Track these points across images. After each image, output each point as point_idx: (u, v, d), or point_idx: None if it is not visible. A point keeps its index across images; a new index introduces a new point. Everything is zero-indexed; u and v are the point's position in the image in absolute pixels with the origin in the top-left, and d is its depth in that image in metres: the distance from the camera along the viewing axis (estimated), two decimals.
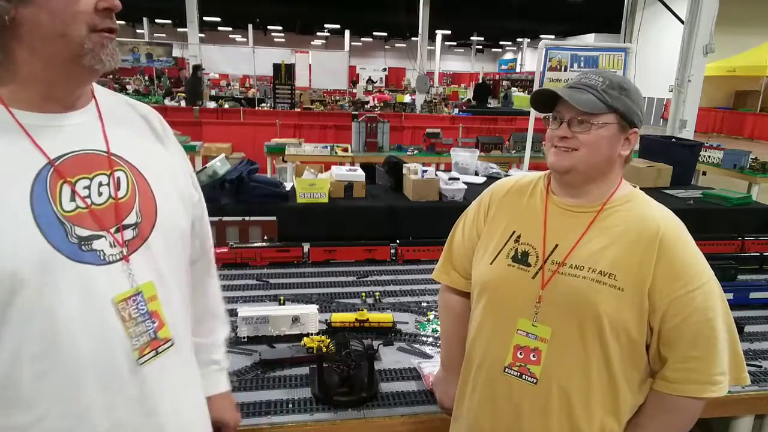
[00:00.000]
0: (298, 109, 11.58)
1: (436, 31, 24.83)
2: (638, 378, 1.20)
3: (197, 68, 11.65)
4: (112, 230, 0.93)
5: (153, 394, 0.96)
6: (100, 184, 0.93)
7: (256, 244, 2.68)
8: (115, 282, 0.92)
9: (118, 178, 0.96)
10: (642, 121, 1.22)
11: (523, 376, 1.21)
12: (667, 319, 1.14)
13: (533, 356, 1.20)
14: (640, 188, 1.29)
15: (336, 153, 6.10)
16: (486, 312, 1.30)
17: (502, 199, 1.37)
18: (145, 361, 0.94)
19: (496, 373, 1.25)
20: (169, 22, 25.55)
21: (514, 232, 1.29)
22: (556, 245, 1.22)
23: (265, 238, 2.79)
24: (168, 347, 0.99)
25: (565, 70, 5.03)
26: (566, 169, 1.20)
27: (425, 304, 2.29)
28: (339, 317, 2.04)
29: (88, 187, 0.92)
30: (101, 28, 0.88)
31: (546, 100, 1.23)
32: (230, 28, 28.85)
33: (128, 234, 0.95)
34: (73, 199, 0.90)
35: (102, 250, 0.91)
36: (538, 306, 1.20)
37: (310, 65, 12.98)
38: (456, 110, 13.12)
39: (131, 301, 0.93)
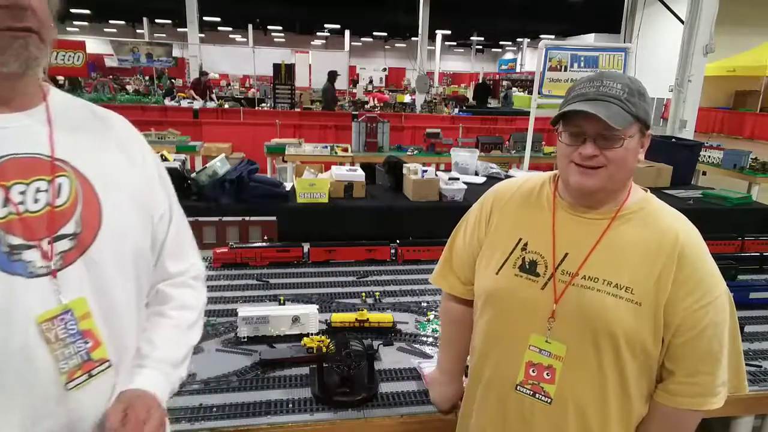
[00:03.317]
0: (298, 109, 11.59)
1: (436, 31, 24.84)
2: (649, 390, 1.18)
3: (333, 75, 11.74)
4: (44, 241, 0.86)
5: (85, 420, 0.90)
6: (38, 190, 0.87)
7: (256, 244, 2.68)
8: (42, 298, 0.85)
9: (60, 185, 0.90)
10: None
11: (537, 395, 1.16)
12: (679, 333, 1.10)
13: (547, 374, 1.15)
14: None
15: (336, 153, 6.10)
16: (493, 325, 1.24)
17: (506, 205, 1.30)
18: (76, 385, 0.87)
19: (506, 390, 1.20)
20: (169, 22, 25.54)
21: (520, 239, 1.22)
22: (566, 254, 1.16)
23: (265, 238, 2.79)
24: (104, 368, 0.91)
25: (565, 70, 5.04)
26: (596, 189, 1.13)
27: (425, 304, 2.28)
28: (339, 317, 2.04)
29: (24, 193, 0.86)
30: (1, 28, 0.82)
31: (559, 116, 1.14)
32: (230, 28, 28.85)
33: (64, 245, 0.88)
34: (5, 205, 0.84)
35: (32, 262, 0.84)
36: (551, 321, 1.14)
37: (310, 65, 12.99)
38: (456, 110, 13.13)
39: (58, 320, 0.86)
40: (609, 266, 1.12)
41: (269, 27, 28.62)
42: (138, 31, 26.67)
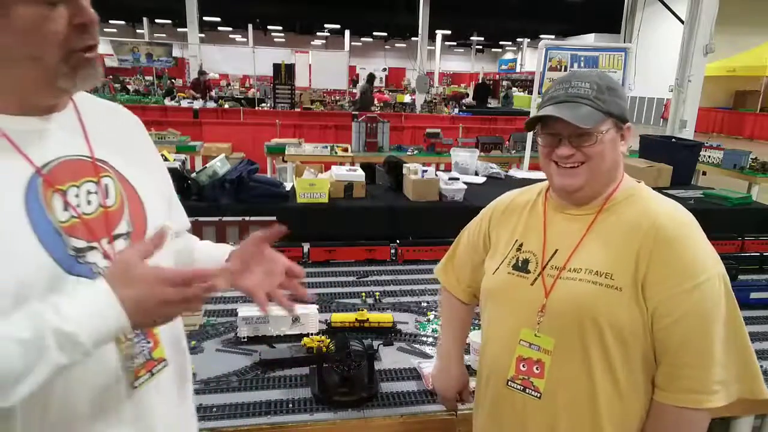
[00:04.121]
0: (298, 109, 11.59)
1: (436, 31, 24.84)
2: (646, 384, 1.13)
3: (372, 77, 12.06)
4: (104, 241, 0.87)
5: (147, 416, 0.93)
6: (89, 192, 0.88)
7: None
8: None
9: (106, 185, 0.90)
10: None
11: (527, 390, 1.16)
12: (656, 319, 1.07)
13: (536, 369, 1.15)
14: None
15: (336, 153, 6.10)
16: (490, 323, 1.28)
17: (501, 216, 1.35)
18: (141, 383, 0.90)
19: (500, 386, 1.21)
20: (169, 22, 25.55)
21: (516, 241, 1.27)
22: (556, 250, 1.18)
23: None
24: (162, 368, 0.95)
25: (565, 70, 5.04)
26: (578, 187, 1.15)
27: (425, 304, 2.29)
28: (339, 317, 2.04)
29: (77, 196, 0.86)
30: (80, 48, 0.81)
31: (535, 120, 1.18)
32: (230, 28, 28.86)
33: (120, 244, 0.89)
34: (66, 209, 0.84)
35: (95, 263, 0.85)
36: (541, 315, 1.15)
37: (310, 65, 12.98)
38: (456, 110, 13.13)
39: None
40: (592, 256, 1.13)
41: (269, 27, 28.63)
42: (138, 31, 26.69)
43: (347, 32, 26.31)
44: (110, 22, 27.71)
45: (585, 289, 1.11)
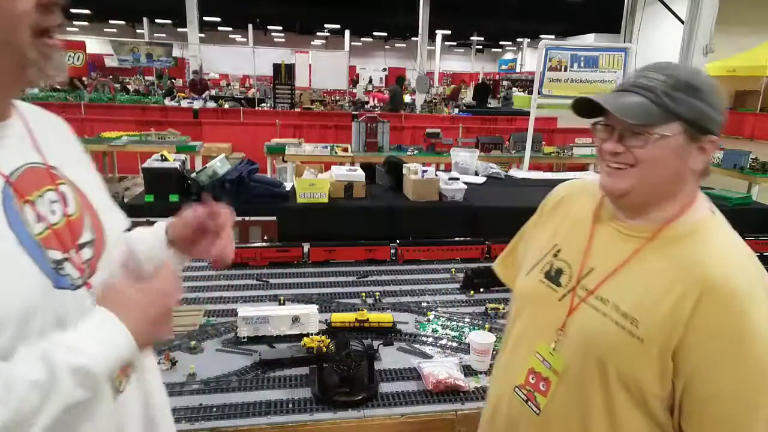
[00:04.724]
0: (298, 109, 11.59)
1: (436, 31, 24.82)
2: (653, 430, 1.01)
3: (401, 80, 12.51)
4: (72, 252, 0.85)
5: (129, 422, 0.94)
6: (51, 201, 0.85)
7: (256, 244, 2.68)
8: (85, 309, 0.83)
9: (64, 193, 0.88)
10: (721, 124, 0.98)
11: (529, 403, 1.11)
12: (691, 386, 0.93)
13: (543, 386, 1.09)
14: None
15: (336, 153, 6.10)
16: (514, 324, 1.23)
17: (551, 210, 1.25)
18: (123, 387, 0.91)
19: (506, 389, 1.17)
20: (169, 22, 25.54)
21: (555, 245, 1.16)
22: (592, 269, 1.07)
23: (265, 238, 2.79)
24: (133, 369, 0.94)
25: (565, 70, 5.05)
26: (622, 192, 1.00)
27: (425, 304, 2.29)
28: (339, 317, 2.04)
29: (43, 206, 0.83)
30: (45, 27, 0.79)
31: (589, 107, 1.01)
32: (230, 28, 28.84)
33: (87, 254, 0.88)
34: (38, 220, 0.81)
35: (70, 274, 0.83)
36: (560, 333, 1.07)
37: (310, 65, 12.97)
38: (456, 110, 13.13)
39: None
40: (625, 291, 1.00)
41: (269, 27, 28.60)
42: (138, 31, 26.66)
43: (347, 32, 26.28)
44: (110, 22, 27.72)
45: (604, 326, 1.00)
